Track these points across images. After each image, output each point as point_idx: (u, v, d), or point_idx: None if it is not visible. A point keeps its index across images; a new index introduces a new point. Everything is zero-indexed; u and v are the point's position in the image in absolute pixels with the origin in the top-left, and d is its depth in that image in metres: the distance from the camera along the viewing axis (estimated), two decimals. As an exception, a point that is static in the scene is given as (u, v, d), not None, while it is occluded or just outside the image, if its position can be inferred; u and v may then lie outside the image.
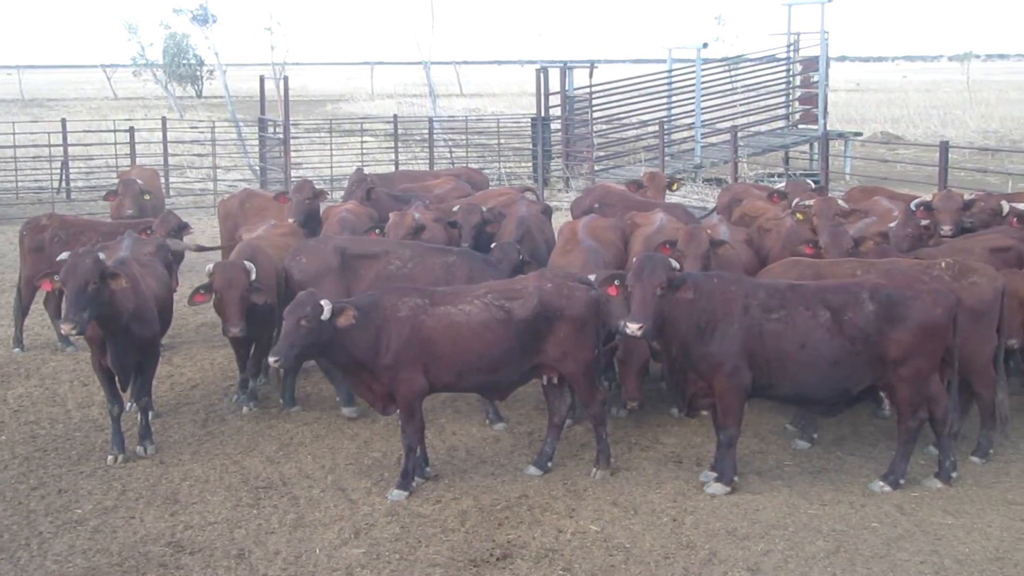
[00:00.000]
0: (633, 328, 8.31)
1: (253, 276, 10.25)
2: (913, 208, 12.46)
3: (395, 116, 32.43)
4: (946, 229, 11.68)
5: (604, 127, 30.06)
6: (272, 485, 9.09)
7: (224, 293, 10.18)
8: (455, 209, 12.89)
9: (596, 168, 28.48)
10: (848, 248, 10.50)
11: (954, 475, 8.97)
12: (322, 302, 8.49)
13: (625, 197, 14.77)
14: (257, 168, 29.48)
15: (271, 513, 8.52)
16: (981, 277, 9.43)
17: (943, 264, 9.70)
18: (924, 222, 11.87)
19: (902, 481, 8.82)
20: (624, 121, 30.17)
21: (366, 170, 18.39)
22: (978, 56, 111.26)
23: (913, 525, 8.19)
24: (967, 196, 12.66)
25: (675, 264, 8.64)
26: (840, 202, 12.65)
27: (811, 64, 30.39)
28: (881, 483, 8.84)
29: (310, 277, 10.57)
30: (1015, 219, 11.63)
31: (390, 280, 10.42)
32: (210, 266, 10.46)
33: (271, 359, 8.62)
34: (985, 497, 8.69)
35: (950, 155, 19.41)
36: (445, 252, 11.08)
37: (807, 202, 12.54)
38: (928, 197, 12.81)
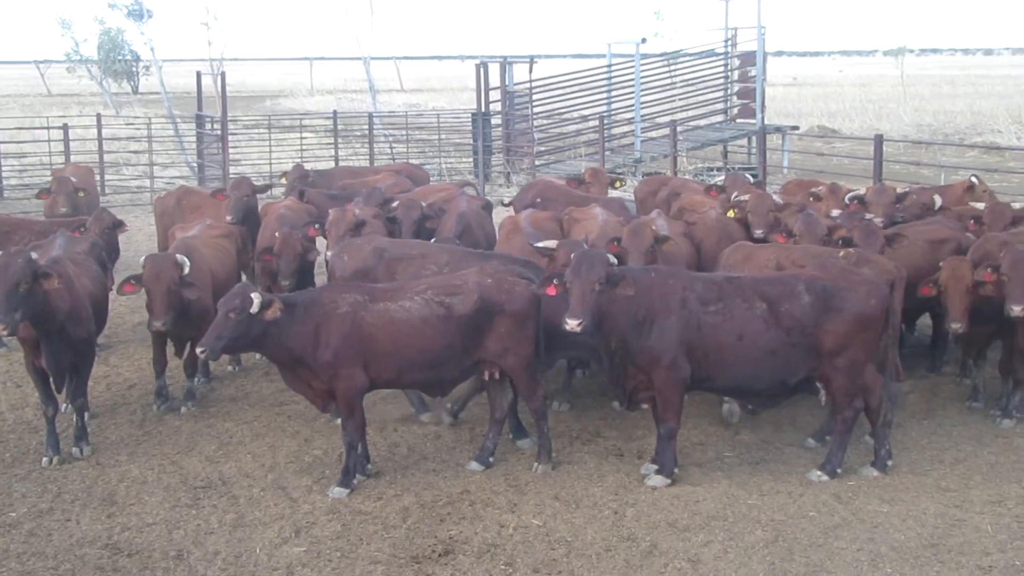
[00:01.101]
0: (572, 324, 8.32)
1: (185, 270, 10.12)
2: (847, 201, 12.67)
3: (335, 112, 32.27)
4: (878, 222, 11.84)
5: (544, 122, 30.12)
6: (211, 485, 9.00)
7: (151, 285, 10.02)
8: (394, 205, 12.84)
9: (537, 163, 28.53)
10: (822, 236, 10.52)
11: (890, 463, 9.11)
12: (252, 295, 8.43)
13: (566, 192, 14.83)
14: (195, 165, 29.16)
15: (210, 513, 8.43)
16: (874, 268, 9.59)
17: (842, 254, 9.95)
18: (875, 217, 12.03)
19: (839, 470, 8.93)
20: (564, 116, 30.25)
21: (306, 166, 18.27)
22: (912, 51, 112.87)
23: (850, 513, 8.30)
24: (899, 189, 12.92)
25: (613, 260, 8.64)
26: (775, 197, 12.80)
27: (748, 59, 30.68)
28: (818, 472, 8.95)
29: (349, 275, 10.38)
30: (972, 221, 11.82)
31: None
32: (143, 258, 10.33)
33: (198, 350, 8.54)
34: (920, 485, 8.83)
35: (885, 148, 19.71)
36: (483, 256, 10.60)
37: (742, 197, 12.67)
38: (862, 190, 13.06)
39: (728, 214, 12.34)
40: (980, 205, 12.28)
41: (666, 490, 8.73)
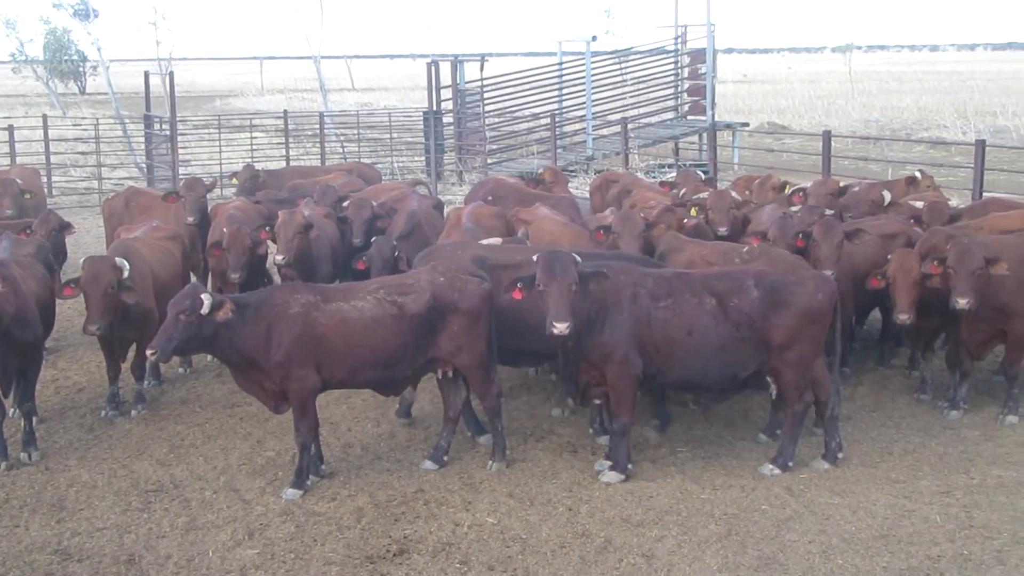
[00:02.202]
0: (561, 328, 8.25)
1: (125, 274, 10.00)
2: (789, 195, 12.86)
3: (285, 111, 32.05)
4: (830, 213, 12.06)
5: (496, 120, 30.11)
6: (163, 488, 8.92)
7: (88, 288, 9.87)
8: (345, 204, 12.79)
9: (489, 161, 28.51)
10: (840, 241, 10.53)
11: (840, 456, 9.20)
12: (202, 296, 8.36)
13: (516, 190, 14.84)
14: (144, 166, 28.85)
15: (162, 517, 8.35)
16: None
17: (745, 249, 10.21)
18: (829, 211, 12.17)
19: (791, 463, 9.01)
20: (516, 114, 30.26)
21: (256, 166, 18.17)
22: (859, 47, 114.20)
23: (802, 506, 8.38)
24: (843, 184, 13.14)
25: (578, 259, 8.62)
26: (733, 194, 12.92)
27: (698, 56, 30.83)
28: (771, 466, 9.02)
29: None
30: (912, 220, 11.98)
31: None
32: (83, 259, 10.19)
33: (148, 352, 8.44)
34: (870, 477, 8.93)
35: (833, 144, 19.95)
36: (595, 258, 9.91)
37: (701, 195, 12.80)
38: (806, 184, 13.28)
39: (690, 213, 12.43)
40: (919, 204, 12.43)
41: (620, 486, 8.76)
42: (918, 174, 13.87)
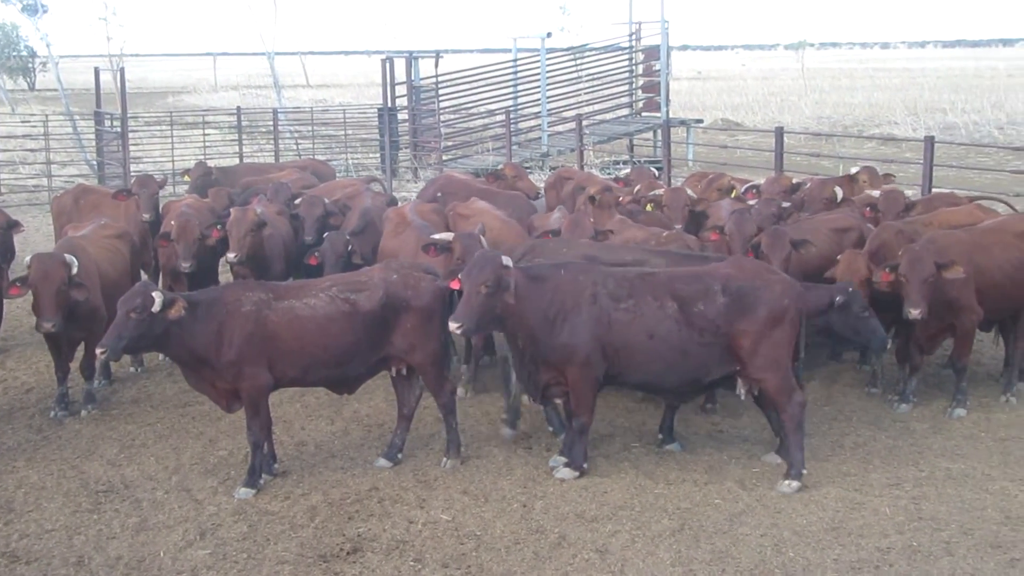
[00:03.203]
0: (453, 327, 8.36)
1: (74, 270, 9.87)
2: (743, 192, 12.98)
3: (239, 108, 31.81)
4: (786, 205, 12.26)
5: (451, 117, 30.07)
6: (113, 489, 8.82)
7: (39, 285, 9.74)
8: (297, 202, 12.72)
9: (444, 158, 28.47)
10: (751, 235, 10.60)
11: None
12: (153, 294, 8.28)
13: (467, 185, 14.83)
14: (94, 163, 28.53)
15: (112, 518, 8.26)
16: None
17: (665, 234, 10.75)
18: (786, 204, 12.29)
19: (804, 471, 8.70)
20: (471, 111, 30.24)
21: (209, 163, 18.03)
22: (812, 45, 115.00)
23: (754, 500, 8.44)
24: (795, 180, 13.28)
25: (507, 262, 8.56)
26: (688, 191, 13.02)
27: (653, 53, 30.97)
28: (787, 481, 8.66)
29: None
30: (867, 208, 12.10)
31: None
32: (28, 257, 10.07)
33: (98, 351, 8.35)
34: (821, 470, 9.00)
35: (786, 140, 20.09)
36: (703, 259, 9.83)
37: (657, 192, 12.89)
38: (759, 181, 13.41)
39: (646, 208, 12.54)
40: (875, 193, 12.58)
41: (574, 482, 8.78)
42: (854, 171, 13.98)
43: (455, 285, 8.72)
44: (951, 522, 8.01)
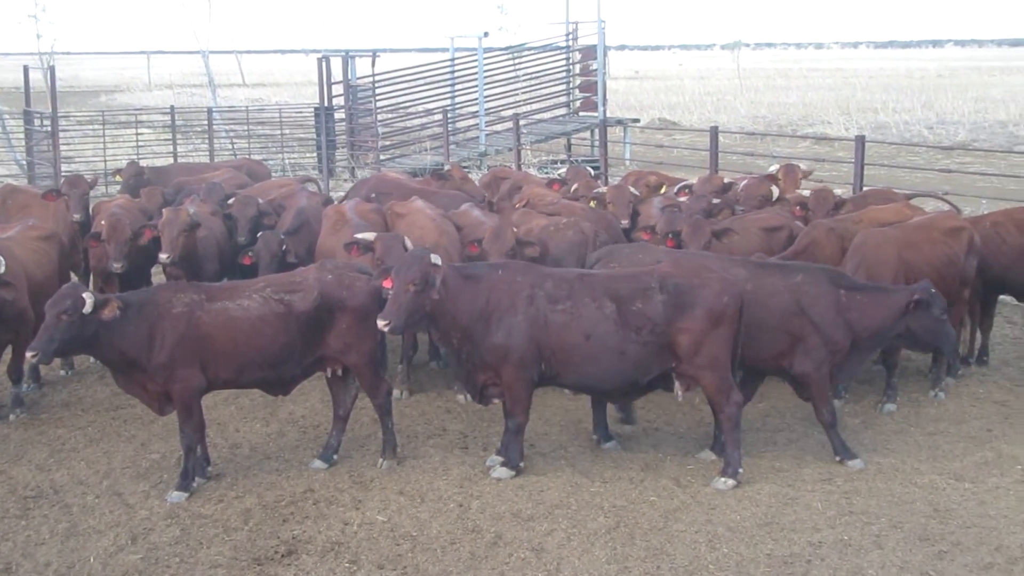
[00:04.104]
0: (380, 325, 8.37)
1: (2, 269, 9.68)
2: (676, 191, 13.12)
3: (172, 107, 31.45)
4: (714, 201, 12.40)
5: (388, 116, 29.95)
6: (42, 494, 8.67)
7: None
8: (230, 202, 12.58)
9: (382, 158, 28.35)
10: (707, 239, 10.57)
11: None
12: (84, 295, 8.15)
13: (401, 185, 14.78)
14: (24, 163, 28.04)
15: (41, 523, 8.12)
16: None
17: (564, 221, 11.08)
18: (716, 200, 12.41)
19: (741, 470, 8.75)
20: (408, 110, 30.14)
21: (142, 163, 17.79)
22: (747, 45, 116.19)
23: (689, 497, 8.50)
24: (727, 180, 13.45)
25: (436, 261, 8.56)
26: (632, 188, 13.15)
27: (590, 53, 31.07)
28: (723, 479, 8.70)
29: None
30: (797, 207, 12.24)
31: None
32: None
33: (28, 353, 8.21)
34: (755, 466, 9.09)
35: (721, 140, 20.27)
36: (788, 270, 9.45)
37: (600, 190, 13.03)
38: (692, 180, 13.55)
39: (590, 204, 12.65)
40: (806, 192, 12.75)
41: (511, 481, 8.78)
42: (773, 170, 14.16)
43: (388, 284, 8.68)
44: (881, 516, 8.13)
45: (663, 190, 14.11)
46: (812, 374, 9.11)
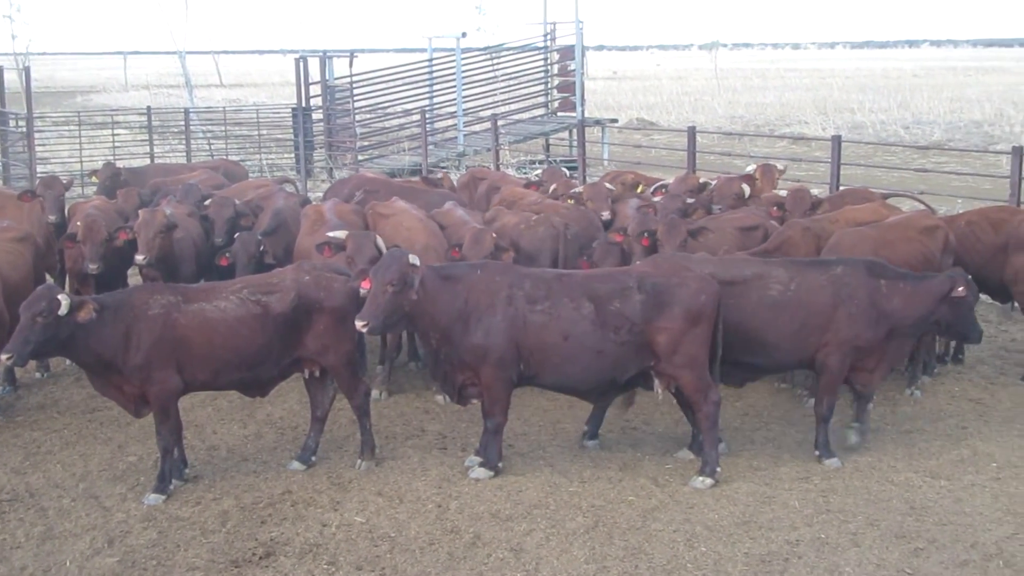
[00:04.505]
0: (359, 325, 8.36)
1: None
2: (653, 190, 13.18)
3: (149, 108, 31.31)
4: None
5: (366, 117, 29.89)
6: (18, 497, 8.61)
7: None
8: (207, 203, 12.53)
9: (360, 158, 28.29)
10: (683, 239, 10.59)
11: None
12: (59, 297, 8.11)
13: (386, 184, 14.80)
14: (-1, 164, 27.84)
15: (16, 527, 8.07)
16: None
17: (534, 218, 11.35)
18: (690, 200, 12.47)
19: (719, 469, 8.78)
20: (387, 110, 30.09)
21: (119, 164, 17.71)
22: (725, 45, 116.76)
23: (667, 496, 8.52)
24: (703, 180, 13.54)
25: (414, 261, 8.55)
26: (608, 186, 13.23)
27: (568, 53, 31.08)
28: (700, 478, 8.74)
29: None
30: (775, 207, 12.29)
31: (773, 310, 9.13)
32: None
33: (3, 356, 8.15)
34: (733, 465, 9.11)
35: (699, 140, 20.33)
36: (827, 264, 9.42)
37: (577, 189, 13.11)
38: (669, 180, 13.64)
39: (567, 203, 12.73)
40: (783, 193, 12.81)
41: (489, 481, 8.78)
42: (749, 169, 14.23)
43: (366, 285, 8.66)
44: (858, 514, 8.17)
45: (639, 189, 14.18)
46: (834, 366, 9.15)
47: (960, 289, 9.15)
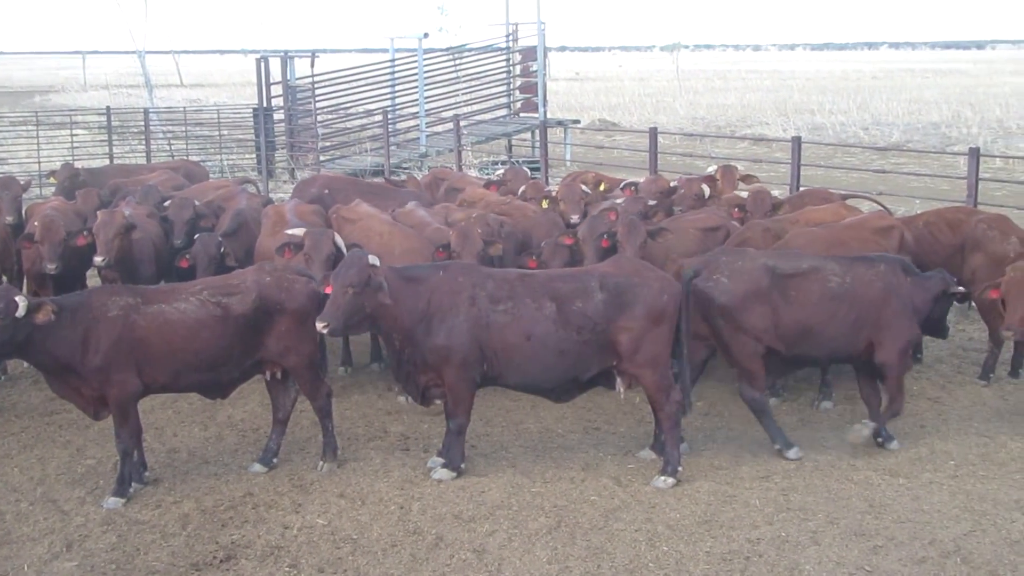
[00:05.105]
0: (319, 326, 8.35)
1: None
2: (621, 188, 13.22)
3: (108, 108, 31.04)
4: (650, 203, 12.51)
5: (328, 117, 29.78)
6: (-26, 502, 8.53)
7: None
8: (166, 204, 12.43)
9: (322, 159, 28.19)
10: (643, 240, 10.60)
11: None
12: (17, 298, 8.02)
13: (353, 184, 14.81)
14: (-45, 165, 27.52)
15: (-27, 532, 7.99)
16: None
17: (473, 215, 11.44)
18: (652, 202, 12.50)
19: (680, 468, 8.80)
20: (349, 111, 30.00)
21: (78, 164, 17.54)
22: (687, 46, 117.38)
23: (629, 496, 8.54)
24: (673, 182, 13.55)
25: (374, 262, 8.53)
26: (584, 188, 13.25)
27: (530, 54, 31.11)
28: (662, 478, 8.75)
29: (739, 302, 9.10)
30: (736, 208, 12.36)
31: (833, 302, 9.22)
32: None
33: None
34: (694, 464, 9.15)
35: (660, 141, 20.41)
36: (871, 261, 9.54)
37: (551, 189, 13.20)
38: (638, 180, 13.64)
39: (542, 204, 12.72)
40: (744, 194, 12.89)
41: (452, 482, 8.77)
42: (711, 170, 14.30)
43: (328, 289, 8.62)
44: (818, 512, 8.23)
45: (602, 187, 14.24)
46: (894, 363, 9.39)
47: (958, 288, 9.55)
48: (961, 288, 9.58)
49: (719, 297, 9.12)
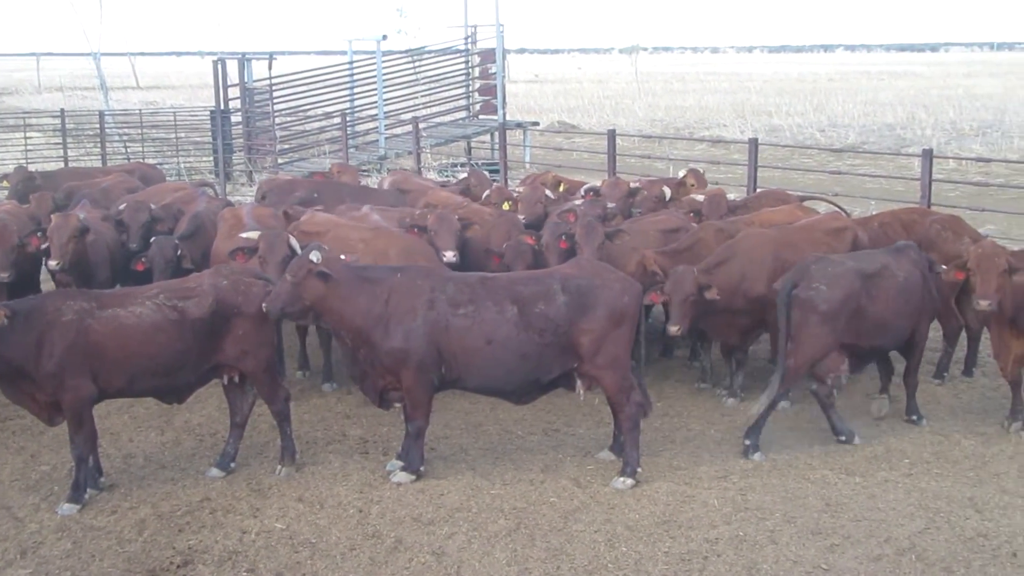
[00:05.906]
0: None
1: None
2: (583, 193, 13.23)
3: (62, 110, 30.72)
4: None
5: (287, 119, 29.63)
6: (-74, 510, 8.41)
7: None
8: (121, 207, 12.31)
9: (280, 161, 28.05)
10: (601, 241, 10.69)
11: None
12: None
13: (339, 186, 14.91)
14: (-94, 168, 27.10)
15: (-75, 540, 7.87)
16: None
17: (418, 212, 11.74)
18: (611, 204, 12.54)
19: (640, 469, 8.83)
20: (307, 113, 29.86)
21: (31, 168, 17.37)
22: (646, 49, 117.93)
23: (588, 497, 8.56)
24: (633, 184, 13.61)
25: (314, 258, 8.54)
26: (546, 191, 13.28)
27: (489, 56, 31.11)
28: (622, 479, 8.77)
29: (837, 306, 9.44)
30: (691, 213, 12.42)
31: (902, 294, 9.83)
32: None
33: None
34: (653, 465, 9.19)
35: (619, 143, 20.49)
36: (905, 250, 10.18)
37: (518, 190, 13.24)
38: (598, 183, 13.68)
39: (504, 207, 12.75)
40: (700, 198, 12.95)
41: (411, 485, 8.75)
42: (682, 173, 14.39)
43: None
44: (775, 511, 8.29)
45: (561, 188, 14.30)
46: (922, 342, 10.26)
47: (940, 267, 10.21)
48: (944, 267, 10.10)
49: (821, 304, 9.45)
